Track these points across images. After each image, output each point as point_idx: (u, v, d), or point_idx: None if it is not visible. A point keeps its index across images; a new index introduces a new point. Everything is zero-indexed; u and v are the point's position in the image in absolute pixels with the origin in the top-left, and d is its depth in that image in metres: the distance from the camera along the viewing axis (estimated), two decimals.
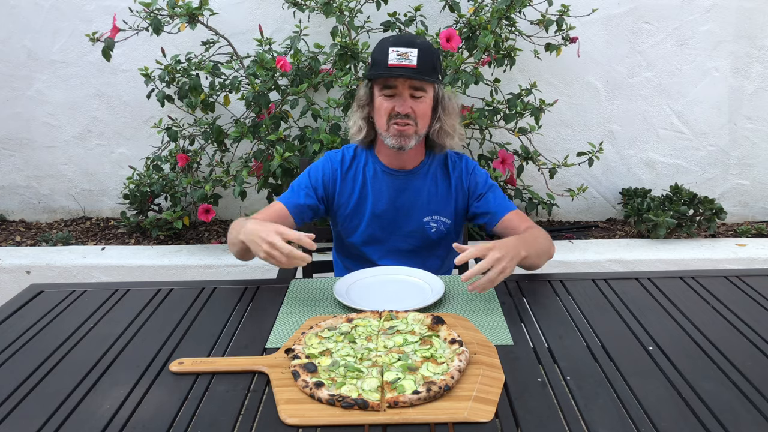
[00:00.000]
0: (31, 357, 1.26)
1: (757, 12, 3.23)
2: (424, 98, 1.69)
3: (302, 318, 1.42)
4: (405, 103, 1.67)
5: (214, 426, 1.02)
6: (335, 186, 1.82)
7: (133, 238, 3.30)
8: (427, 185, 1.81)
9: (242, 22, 3.25)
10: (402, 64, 1.63)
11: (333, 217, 1.87)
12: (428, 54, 1.65)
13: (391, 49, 1.63)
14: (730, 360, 1.19)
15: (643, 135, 3.42)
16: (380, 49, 1.67)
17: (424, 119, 1.72)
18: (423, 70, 1.64)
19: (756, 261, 2.91)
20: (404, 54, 1.63)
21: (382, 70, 1.65)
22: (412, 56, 1.63)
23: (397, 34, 1.70)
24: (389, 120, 1.69)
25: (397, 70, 1.63)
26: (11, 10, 3.32)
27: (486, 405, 1.05)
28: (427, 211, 1.81)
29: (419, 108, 1.69)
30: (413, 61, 1.63)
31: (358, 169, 1.83)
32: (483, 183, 1.83)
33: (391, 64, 1.63)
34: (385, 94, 1.68)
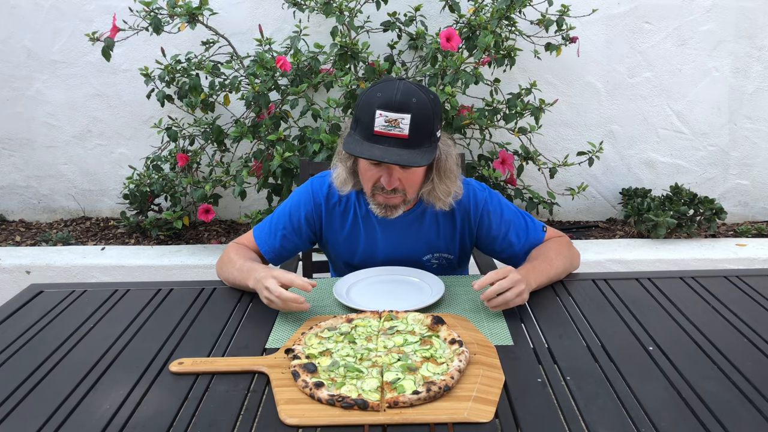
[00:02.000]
0: (31, 357, 1.26)
1: (757, 12, 3.23)
2: (415, 168, 1.46)
3: (302, 318, 1.42)
4: (392, 178, 1.45)
5: (214, 426, 1.02)
6: (321, 221, 1.65)
7: (133, 238, 3.30)
8: (425, 226, 1.63)
9: (242, 22, 3.25)
10: (390, 133, 1.38)
11: (324, 248, 1.75)
12: (424, 118, 1.40)
13: (378, 113, 1.38)
14: (730, 360, 1.19)
15: (643, 135, 3.42)
16: (366, 107, 1.41)
17: (415, 186, 1.52)
18: (415, 140, 1.39)
19: (756, 261, 2.91)
20: (394, 121, 1.38)
21: (366, 137, 1.40)
22: (404, 124, 1.37)
23: (387, 87, 1.40)
24: (374, 189, 1.50)
25: (383, 140, 1.39)
26: (11, 10, 3.32)
27: (486, 405, 1.05)
28: (427, 250, 1.65)
29: (409, 179, 1.48)
30: (404, 131, 1.38)
31: (348, 205, 1.64)
32: (498, 222, 1.61)
33: (377, 132, 1.39)
34: (370, 162, 1.46)
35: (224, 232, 3.41)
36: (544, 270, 1.50)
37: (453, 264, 1.70)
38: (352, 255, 1.68)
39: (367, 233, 1.64)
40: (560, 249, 1.58)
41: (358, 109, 1.46)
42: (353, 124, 1.48)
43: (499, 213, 1.63)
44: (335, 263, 1.77)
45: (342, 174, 1.57)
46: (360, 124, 1.44)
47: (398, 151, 1.39)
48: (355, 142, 1.44)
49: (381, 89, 1.42)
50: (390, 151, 1.39)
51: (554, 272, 1.53)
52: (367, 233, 1.64)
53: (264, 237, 1.66)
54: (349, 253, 1.68)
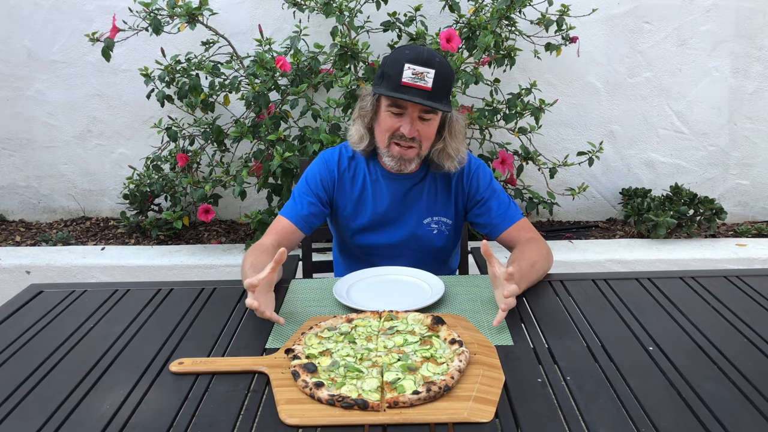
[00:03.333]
0: (31, 357, 1.26)
1: (757, 12, 3.23)
2: (433, 121, 1.62)
3: (302, 318, 1.42)
4: (412, 126, 1.60)
5: (214, 426, 1.02)
6: (333, 187, 1.78)
7: (133, 238, 3.30)
8: (426, 188, 1.77)
9: (242, 22, 3.25)
10: (416, 84, 1.54)
11: (333, 217, 1.85)
12: (445, 76, 1.57)
13: (406, 66, 1.54)
14: (730, 360, 1.19)
15: (643, 135, 3.42)
16: (395, 62, 1.57)
17: (429, 141, 1.66)
18: (437, 94, 1.56)
19: (756, 261, 2.91)
20: (420, 74, 1.53)
21: (393, 87, 1.56)
22: (429, 77, 1.53)
23: (415, 48, 1.57)
24: (391, 138, 1.64)
25: (409, 91, 1.54)
26: (11, 10, 3.33)
27: (486, 405, 1.05)
28: (427, 213, 1.78)
29: (426, 131, 1.63)
30: (428, 83, 1.54)
31: (357, 170, 1.78)
32: (485, 187, 1.76)
33: (404, 83, 1.54)
34: (392, 111, 1.60)
35: (224, 232, 3.41)
36: (528, 275, 1.55)
37: (450, 230, 1.81)
38: (361, 217, 1.78)
39: (375, 197, 1.76)
40: (540, 251, 1.65)
41: (385, 65, 1.60)
42: (377, 81, 1.63)
43: (488, 180, 1.78)
44: (343, 234, 1.84)
45: (360, 130, 1.71)
46: (386, 77, 1.58)
47: (423, 99, 1.55)
48: (384, 90, 1.58)
49: (409, 48, 1.59)
50: (415, 98, 1.55)
51: (536, 275, 1.59)
52: (375, 197, 1.76)
53: (290, 209, 1.75)
54: (358, 216, 1.78)
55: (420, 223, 1.78)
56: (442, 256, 1.86)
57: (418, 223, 1.78)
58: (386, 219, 1.77)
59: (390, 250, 1.79)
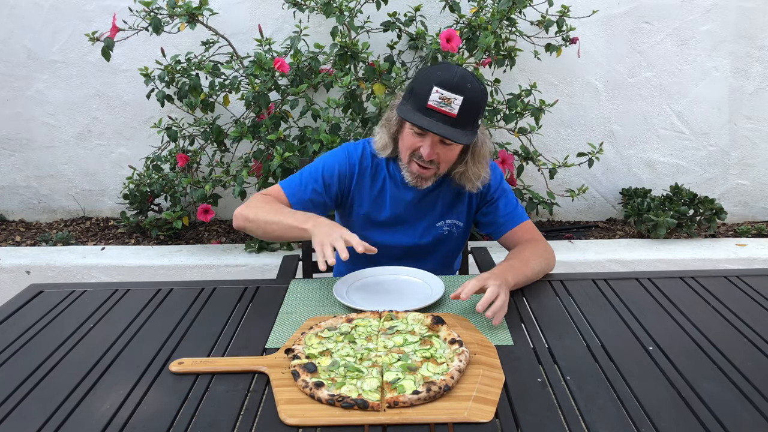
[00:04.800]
0: (31, 357, 1.26)
1: (757, 12, 3.23)
2: (454, 146, 1.60)
3: (302, 318, 1.42)
4: (431, 150, 1.57)
5: (214, 426, 1.02)
6: (351, 183, 1.74)
7: (133, 238, 3.30)
8: (443, 192, 1.76)
9: (242, 22, 3.25)
10: (441, 109, 1.51)
11: (344, 210, 1.81)
12: (474, 104, 1.53)
13: (435, 89, 1.50)
14: (730, 360, 1.19)
15: (643, 135, 3.42)
16: (425, 81, 1.54)
17: (448, 164, 1.65)
18: (462, 121, 1.52)
19: (756, 261, 2.91)
20: (447, 99, 1.50)
21: (418, 108, 1.53)
22: (455, 104, 1.50)
23: (447, 69, 1.53)
24: (411, 156, 1.63)
25: (434, 115, 1.51)
26: (11, 10, 3.32)
27: (486, 405, 1.05)
28: (441, 217, 1.77)
29: (446, 154, 1.61)
30: (454, 110, 1.50)
31: (379, 169, 1.75)
32: (496, 186, 1.76)
33: (430, 105, 1.51)
34: (414, 130, 1.58)
35: (224, 232, 3.41)
36: (520, 269, 1.54)
37: (460, 233, 1.80)
38: (377, 216, 1.77)
39: (393, 197, 1.75)
40: (537, 250, 1.64)
41: (416, 82, 1.58)
42: (407, 95, 1.61)
43: (498, 180, 1.78)
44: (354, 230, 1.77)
45: (384, 138, 1.70)
46: (414, 96, 1.56)
47: (444, 126, 1.52)
48: (407, 111, 1.57)
49: (441, 69, 1.55)
50: (437, 124, 1.52)
51: (531, 272, 1.57)
52: (393, 197, 1.75)
53: (294, 188, 1.72)
54: (374, 214, 1.77)
55: (433, 226, 1.77)
56: (448, 258, 1.85)
57: (431, 227, 1.77)
58: (401, 220, 1.76)
59: (400, 251, 1.77)
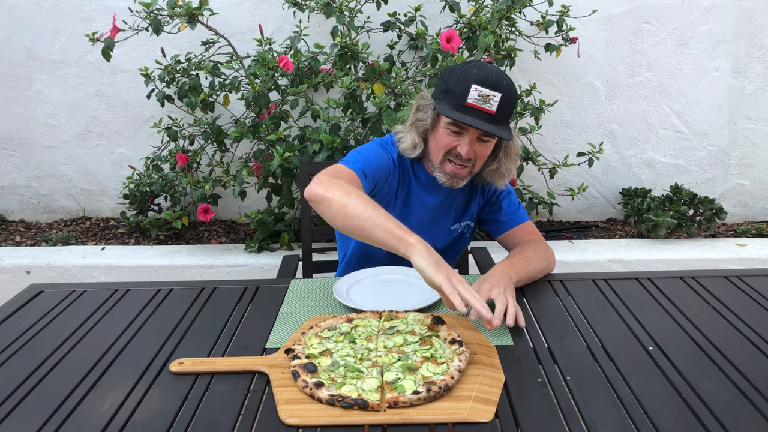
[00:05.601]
0: (31, 357, 1.26)
1: (757, 12, 3.23)
2: (490, 142, 1.60)
3: (302, 318, 1.42)
4: (470, 148, 1.56)
5: (214, 426, 1.02)
6: (386, 178, 1.69)
7: (133, 238, 3.30)
8: (457, 195, 1.77)
9: (242, 22, 3.25)
10: (481, 107, 1.50)
11: None
12: (511, 100, 1.54)
13: (474, 86, 1.50)
14: (730, 360, 1.19)
15: (643, 135, 3.42)
16: (462, 80, 1.53)
17: (483, 160, 1.64)
18: (500, 118, 1.53)
19: (756, 261, 2.91)
20: (486, 97, 1.50)
21: (456, 106, 1.52)
22: (494, 101, 1.50)
23: (483, 68, 1.53)
24: (446, 155, 1.61)
25: (473, 112, 1.51)
26: (11, 10, 3.33)
27: (486, 405, 1.05)
28: (455, 219, 1.79)
29: (483, 151, 1.60)
30: (493, 107, 1.50)
31: (404, 169, 1.73)
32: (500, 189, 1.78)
33: (469, 103, 1.51)
34: (451, 129, 1.57)
35: (224, 232, 3.41)
36: (522, 266, 1.54)
37: (470, 233, 1.83)
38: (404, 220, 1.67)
39: (420, 203, 1.74)
40: (537, 249, 1.65)
41: (451, 81, 1.55)
42: (440, 95, 1.58)
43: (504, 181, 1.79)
44: None
45: (414, 139, 1.65)
46: (451, 94, 1.54)
47: (485, 123, 1.52)
48: (448, 109, 1.54)
49: (477, 67, 1.54)
50: (478, 122, 1.51)
51: (533, 270, 1.58)
52: (420, 203, 1.74)
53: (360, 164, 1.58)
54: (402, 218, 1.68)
55: (449, 228, 1.78)
56: (454, 258, 1.87)
57: (449, 229, 1.78)
58: (427, 225, 1.73)
59: None
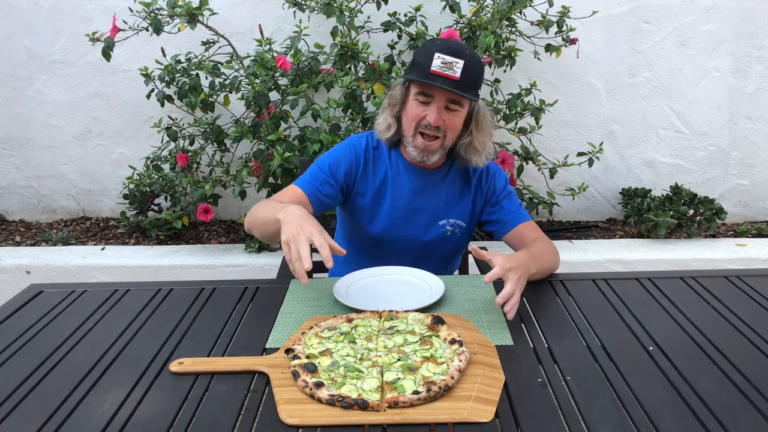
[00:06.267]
0: (31, 357, 1.26)
1: (757, 12, 3.23)
2: (459, 112, 1.63)
3: (302, 318, 1.42)
4: (438, 115, 1.60)
5: (214, 426, 1.02)
6: (356, 175, 1.75)
7: (133, 238, 3.30)
8: (446, 186, 1.77)
9: (242, 22, 3.25)
10: (444, 73, 1.55)
11: (349, 205, 1.81)
12: (473, 68, 1.58)
13: (436, 55, 1.56)
14: (730, 360, 1.19)
15: (643, 135, 3.42)
16: (425, 51, 1.59)
17: (454, 132, 1.66)
18: (464, 85, 1.57)
19: (756, 261, 2.91)
20: (449, 63, 1.55)
21: (422, 75, 1.57)
22: (457, 67, 1.55)
23: (446, 40, 1.61)
24: (417, 127, 1.64)
25: (437, 79, 1.56)
26: (11, 10, 3.32)
27: (486, 405, 1.05)
28: (444, 214, 1.77)
29: (452, 121, 1.63)
30: (456, 73, 1.55)
31: (380, 161, 1.76)
32: (501, 188, 1.79)
33: (433, 71, 1.56)
34: (419, 99, 1.61)
35: (224, 232, 3.41)
36: (539, 260, 1.57)
37: (462, 233, 1.81)
38: (379, 209, 1.76)
39: (394, 190, 1.75)
40: (549, 247, 1.68)
41: (416, 54, 1.63)
42: (408, 69, 1.66)
43: (504, 183, 1.82)
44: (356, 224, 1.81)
45: (388, 119, 1.71)
46: (416, 66, 1.60)
47: (449, 87, 1.56)
48: (412, 77, 1.60)
49: (440, 39, 1.64)
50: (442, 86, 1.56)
51: (547, 265, 1.61)
52: (394, 190, 1.75)
53: (307, 183, 1.72)
54: (376, 207, 1.76)
55: (435, 223, 1.77)
56: (448, 258, 1.86)
57: (432, 223, 1.77)
58: (403, 214, 1.76)
59: (400, 246, 1.77)
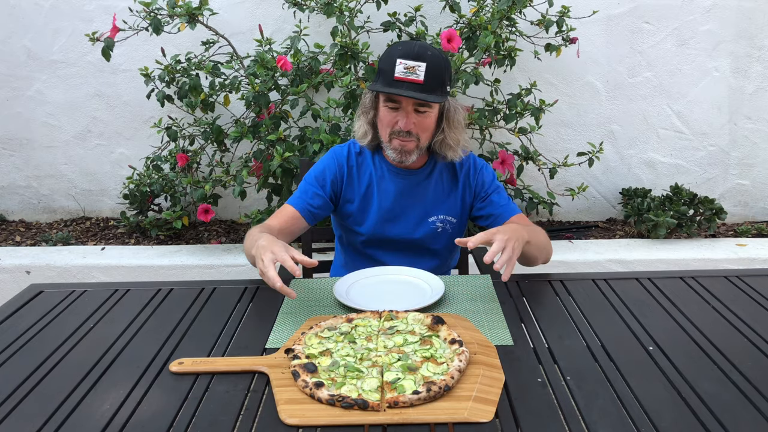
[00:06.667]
0: (31, 357, 1.26)
1: (757, 12, 3.23)
2: (429, 113, 1.65)
3: (302, 318, 1.42)
4: (408, 120, 1.63)
5: (214, 426, 1.02)
6: (342, 183, 1.79)
7: (133, 238, 3.30)
8: (433, 184, 1.79)
9: (242, 22, 3.25)
10: (408, 78, 1.57)
11: (339, 212, 1.85)
12: (437, 68, 1.59)
13: (398, 61, 1.57)
14: (730, 360, 1.19)
15: (643, 135, 3.42)
16: (388, 58, 1.62)
17: (427, 133, 1.69)
18: (430, 86, 1.59)
19: (756, 261, 2.91)
20: (411, 68, 1.57)
21: (387, 83, 1.60)
22: (420, 71, 1.57)
23: (407, 43, 1.63)
24: (391, 133, 1.67)
25: (402, 85, 1.58)
26: (11, 10, 3.32)
27: (486, 405, 1.05)
28: (433, 211, 1.79)
29: (423, 123, 1.65)
30: (420, 77, 1.57)
31: (364, 166, 1.80)
32: (489, 183, 1.81)
33: (397, 77, 1.58)
34: (388, 106, 1.64)
35: (224, 232, 3.41)
36: (533, 232, 1.61)
37: (453, 229, 1.82)
38: (367, 212, 1.79)
39: (380, 192, 1.78)
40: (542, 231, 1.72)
41: (381, 61, 1.65)
42: (376, 78, 1.68)
43: (491, 177, 1.83)
44: (348, 229, 1.85)
45: (363, 126, 1.75)
46: (382, 73, 1.63)
47: (414, 93, 1.59)
48: (377, 86, 1.64)
49: (401, 44, 1.65)
50: (407, 92, 1.59)
51: (541, 242, 1.65)
52: (380, 192, 1.78)
53: (296, 198, 1.78)
54: (364, 211, 1.79)
55: (425, 220, 1.79)
56: (443, 254, 1.86)
57: (422, 221, 1.79)
58: (391, 215, 1.78)
59: (392, 245, 1.79)
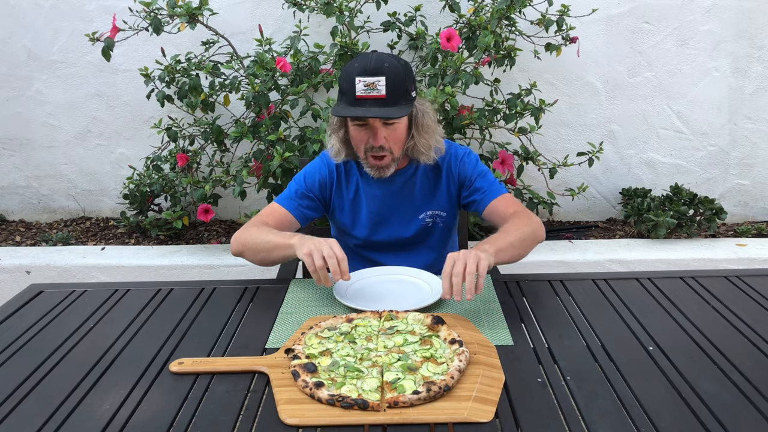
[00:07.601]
0: (31, 357, 1.26)
1: (757, 12, 3.23)
2: (397, 124, 1.64)
3: (302, 318, 1.42)
4: (378, 136, 1.62)
5: (214, 426, 1.02)
6: (332, 188, 1.80)
7: (133, 238, 3.30)
8: (418, 183, 1.79)
9: (242, 22, 3.25)
10: (370, 95, 1.56)
11: (332, 219, 1.88)
12: (397, 79, 1.57)
13: (357, 79, 1.56)
14: (730, 360, 1.19)
15: (643, 135, 3.42)
16: (347, 77, 1.59)
17: (400, 143, 1.68)
18: (393, 99, 1.57)
19: (756, 261, 2.91)
20: (371, 84, 1.55)
21: (349, 102, 1.59)
22: (380, 85, 1.55)
23: (362, 58, 1.60)
24: (366, 150, 1.67)
25: (365, 102, 1.56)
26: (11, 10, 3.32)
27: (486, 405, 1.05)
28: (422, 208, 1.80)
29: (393, 136, 1.65)
30: (382, 91, 1.56)
31: (351, 173, 1.81)
32: (472, 169, 1.78)
33: (359, 96, 1.56)
34: (357, 124, 1.63)
35: (224, 232, 3.41)
36: (500, 237, 1.55)
37: (446, 223, 1.82)
38: (358, 217, 1.80)
39: (368, 197, 1.79)
40: (518, 221, 1.64)
41: (340, 80, 1.63)
42: (338, 98, 1.66)
43: (474, 164, 1.80)
44: (342, 233, 1.87)
45: (336, 145, 1.74)
46: (343, 94, 1.61)
47: (378, 109, 1.57)
48: (341, 109, 1.62)
49: (357, 60, 1.61)
50: (371, 110, 1.57)
51: (514, 239, 1.56)
52: (368, 197, 1.79)
53: (286, 199, 1.78)
54: (355, 216, 1.80)
55: (415, 218, 1.80)
56: (439, 246, 1.87)
57: (412, 219, 1.80)
58: (381, 218, 1.79)
59: (387, 245, 1.80)
